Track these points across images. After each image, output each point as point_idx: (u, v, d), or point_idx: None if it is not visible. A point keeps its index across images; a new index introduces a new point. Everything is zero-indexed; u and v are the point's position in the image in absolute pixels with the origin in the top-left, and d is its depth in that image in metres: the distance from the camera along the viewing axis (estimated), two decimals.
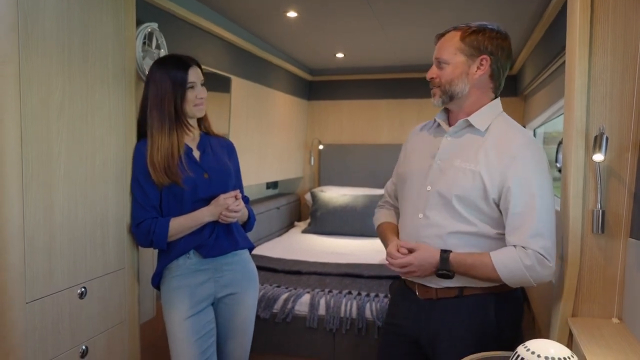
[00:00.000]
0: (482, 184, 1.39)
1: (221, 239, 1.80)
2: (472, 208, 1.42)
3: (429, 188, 1.48)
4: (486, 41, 1.43)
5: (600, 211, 1.44)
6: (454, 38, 1.45)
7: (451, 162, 1.46)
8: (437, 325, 1.49)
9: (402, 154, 1.70)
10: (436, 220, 1.46)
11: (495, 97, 1.51)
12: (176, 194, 1.74)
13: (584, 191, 1.48)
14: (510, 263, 1.36)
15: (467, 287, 1.46)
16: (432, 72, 1.50)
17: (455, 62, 1.45)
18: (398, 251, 1.48)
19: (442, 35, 1.49)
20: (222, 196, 1.74)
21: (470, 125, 1.47)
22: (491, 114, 1.47)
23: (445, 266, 1.41)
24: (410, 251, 1.47)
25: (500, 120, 1.47)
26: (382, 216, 1.75)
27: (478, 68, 1.44)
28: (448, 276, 1.42)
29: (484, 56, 1.43)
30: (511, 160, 1.38)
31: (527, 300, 2.58)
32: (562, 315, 1.50)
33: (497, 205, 1.41)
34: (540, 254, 1.34)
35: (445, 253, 1.42)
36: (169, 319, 1.77)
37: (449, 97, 1.48)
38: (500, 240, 1.42)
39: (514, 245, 1.37)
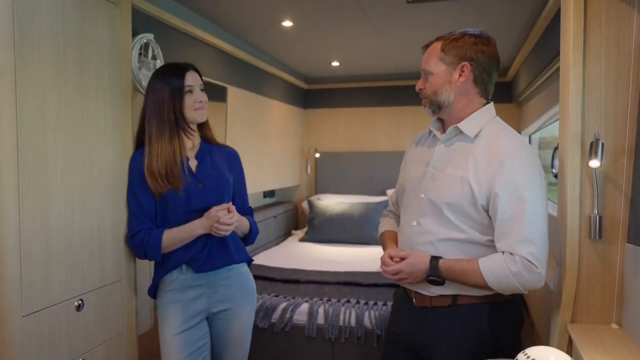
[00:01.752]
0: (470, 190, 1.40)
1: (214, 254, 1.77)
2: (462, 215, 1.43)
3: (422, 196, 1.50)
4: (466, 47, 1.44)
5: (597, 217, 1.45)
6: (436, 48, 1.48)
7: (443, 169, 1.47)
8: (432, 333, 1.49)
9: (402, 164, 1.73)
10: (428, 227, 1.48)
11: (488, 102, 1.51)
12: (169, 204, 1.72)
13: (581, 197, 1.48)
14: (497, 269, 1.35)
15: (460, 296, 1.46)
16: (420, 84, 1.54)
17: (437, 72, 1.47)
18: (391, 259, 1.50)
19: (427, 46, 1.53)
20: (214, 208, 1.70)
21: (461, 132, 1.48)
22: (482, 120, 1.47)
23: (434, 272, 1.43)
24: (403, 259, 1.48)
25: (493, 125, 1.48)
26: (384, 225, 1.77)
27: (460, 75, 1.45)
28: (438, 282, 1.43)
29: (464, 63, 1.44)
30: (500, 165, 1.37)
31: (525, 307, 2.57)
32: (561, 322, 1.50)
33: (487, 212, 1.41)
34: (528, 260, 1.32)
35: (434, 259, 1.43)
36: (161, 333, 1.75)
37: (437, 106, 1.50)
38: (492, 247, 1.42)
39: (503, 252, 1.37)
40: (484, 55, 1.45)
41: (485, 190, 1.39)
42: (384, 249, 1.64)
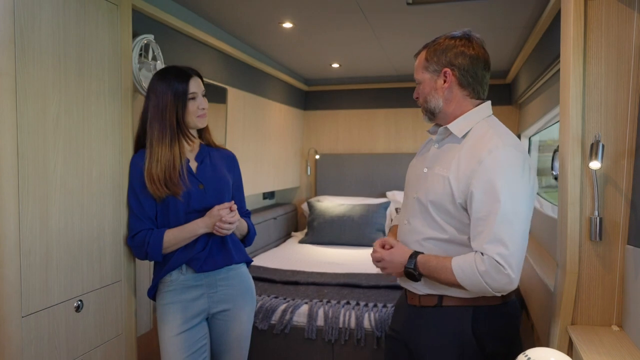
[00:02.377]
0: (450, 188, 1.41)
1: (215, 253, 1.78)
2: (444, 213, 1.44)
3: (414, 196, 1.53)
4: (446, 52, 1.46)
5: (598, 218, 1.45)
6: (422, 57, 1.52)
7: (433, 169, 1.49)
8: (421, 332, 1.51)
9: (408, 168, 1.75)
10: (416, 226, 1.51)
11: (484, 101, 1.50)
12: (169, 205, 1.73)
13: (581, 198, 1.48)
14: (467, 267, 1.35)
15: (446, 297, 1.46)
16: (415, 92, 1.57)
17: (424, 80, 1.51)
18: (383, 247, 1.55)
19: (417, 55, 1.56)
20: (216, 207, 1.72)
21: (451, 132, 1.48)
22: (472, 119, 1.47)
23: (410, 265, 1.45)
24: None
25: (483, 125, 1.46)
26: (395, 220, 1.79)
27: (444, 81, 1.47)
28: (413, 276, 1.45)
29: (445, 69, 1.46)
30: (478, 164, 1.37)
31: (525, 308, 2.57)
32: (561, 323, 1.49)
33: (466, 210, 1.41)
34: (496, 261, 1.31)
35: (415, 253, 1.46)
36: (161, 334, 1.75)
37: (431, 113, 1.53)
38: (471, 247, 1.41)
39: (475, 251, 1.37)
40: (465, 57, 1.45)
41: (463, 189, 1.39)
42: None
